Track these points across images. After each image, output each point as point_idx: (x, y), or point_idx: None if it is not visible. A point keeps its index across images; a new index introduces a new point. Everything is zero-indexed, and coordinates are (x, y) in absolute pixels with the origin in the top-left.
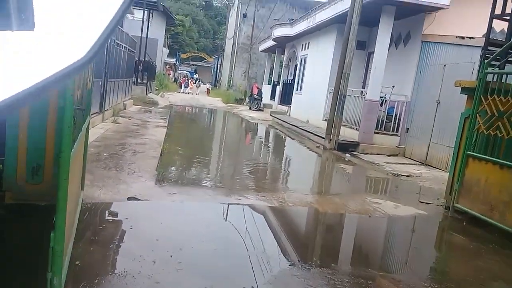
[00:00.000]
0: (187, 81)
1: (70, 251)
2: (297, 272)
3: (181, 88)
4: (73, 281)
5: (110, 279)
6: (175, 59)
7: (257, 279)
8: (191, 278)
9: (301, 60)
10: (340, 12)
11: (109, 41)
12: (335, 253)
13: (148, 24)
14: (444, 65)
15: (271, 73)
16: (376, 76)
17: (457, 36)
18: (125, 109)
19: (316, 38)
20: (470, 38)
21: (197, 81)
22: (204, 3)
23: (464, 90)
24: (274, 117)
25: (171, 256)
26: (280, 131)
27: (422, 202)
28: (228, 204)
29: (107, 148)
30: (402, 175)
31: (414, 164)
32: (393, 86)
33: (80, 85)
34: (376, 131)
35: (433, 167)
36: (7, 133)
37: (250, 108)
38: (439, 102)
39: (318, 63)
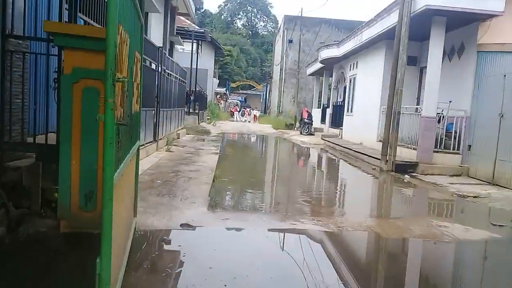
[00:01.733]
0: (242, 109)
1: (121, 279)
2: None
3: (233, 116)
4: None
5: None
6: (225, 88)
7: None
8: None
9: (350, 81)
10: (388, 27)
11: (160, 70)
12: (400, 283)
13: (197, 55)
14: (505, 75)
15: (320, 97)
16: (431, 91)
17: None
18: (179, 138)
19: (364, 57)
20: None
21: (249, 109)
22: (250, 32)
23: None
24: (326, 140)
25: (225, 285)
26: (333, 154)
27: (495, 225)
28: (284, 229)
29: (161, 175)
30: (468, 196)
31: (480, 184)
32: (450, 101)
33: (124, 102)
34: (435, 149)
35: (502, 186)
36: (60, 161)
37: (301, 133)
38: (502, 115)
39: (368, 82)
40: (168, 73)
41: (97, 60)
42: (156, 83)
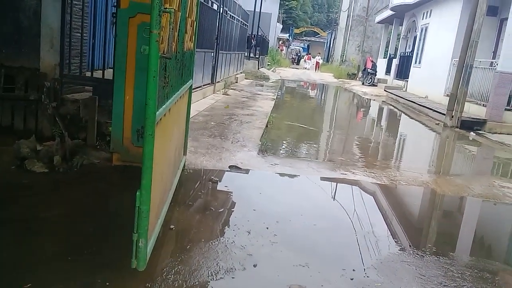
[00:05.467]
0: (312, 58)
1: (163, 214)
2: (408, 258)
3: (298, 63)
4: (166, 245)
5: (202, 246)
6: (288, 34)
7: (358, 262)
8: (285, 253)
9: (422, 30)
10: None
11: (221, 11)
12: (453, 240)
13: None
14: None
15: (387, 46)
16: (510, 44)
17: None
18: (237, 82)
19: (439, 5)
20: None
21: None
22: None
23: None
24: (389, 92)
25: (267, 228)
26: (395, 107)
27: None
28: (333, 178)
29: (215, 118)
30: None
31: None
32: None
33: (173, 36)
34: (507, 107)
35: None
36: (114, 96)
37: (363, 83)
38: None
39: (441, 32)
40: (230, 15)
41: None
42: (217, 25)
